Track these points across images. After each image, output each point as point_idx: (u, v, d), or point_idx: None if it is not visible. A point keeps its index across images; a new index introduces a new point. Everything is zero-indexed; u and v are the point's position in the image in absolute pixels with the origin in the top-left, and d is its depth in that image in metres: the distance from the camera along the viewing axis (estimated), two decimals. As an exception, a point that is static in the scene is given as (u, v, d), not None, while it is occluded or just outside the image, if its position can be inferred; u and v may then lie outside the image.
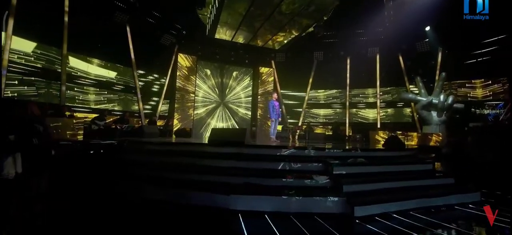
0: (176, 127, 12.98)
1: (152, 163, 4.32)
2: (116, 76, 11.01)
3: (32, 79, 8.37)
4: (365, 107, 14.79)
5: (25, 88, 8.21)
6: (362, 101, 14.90)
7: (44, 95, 8.69)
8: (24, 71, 8.15)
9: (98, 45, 10.08)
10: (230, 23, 10.18)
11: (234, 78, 15.53)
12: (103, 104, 10.64)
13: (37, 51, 8.52)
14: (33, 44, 8.39)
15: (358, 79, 14.76)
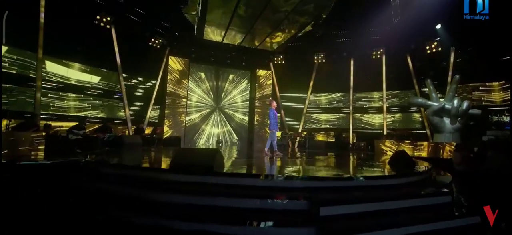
0: (166, 134, 12.23)
1: (90, 193, 3.51)
2: (100, 81, 10.31)
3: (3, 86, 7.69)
4: (370, 112, 13.75)
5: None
6: (367, 106, 13.86)
7: (17, 104, 8.02)
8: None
9: (78, 48, 9.38)
10: (219, 22, 9.35)
11: (230, 82, 14.71)
12: (86, 111, 9.95)
13: (9, 55, 7.86)
14: (4, 47, 7.73)
15: (363, 82, 13.74)
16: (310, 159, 7.27)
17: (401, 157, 5.52)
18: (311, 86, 14.54)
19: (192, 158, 3.93)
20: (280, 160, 6.53)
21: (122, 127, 10.93)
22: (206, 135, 14.04)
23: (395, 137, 11.57)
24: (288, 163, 6.02)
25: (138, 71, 11.59)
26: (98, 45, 10.02)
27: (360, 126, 13.77)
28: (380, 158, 8.66)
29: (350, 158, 8.24)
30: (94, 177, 4.01)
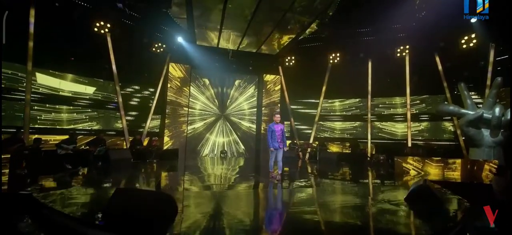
0: (167, 144, 11.63)
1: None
2: (95, 91, 9.92)
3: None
4: (391, 120, 12.13)
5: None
6: (388, 113, 12.26)
7: (5, 119, 7.76)
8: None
9: (71, 58, 9.03)
10: (210, 26, 8.50)
11: (236, 88, 13.84)
12: (82, 123, 9.60)
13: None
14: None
15: (383, 86, 12.17)
16: (318, 184, 6.14)
17: (423, 192, 4.22)
18: (324, 92, 13.21)
19: (138, 204, 3.05)
20: (276, 189, 5.50)
21: (119, 138, 10.47)
22: (211, 144, 13.29)
23: (421, 151, 9.97)
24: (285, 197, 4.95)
25: (137, 80, 11.10)
26: (93, 54, 9.62)
27: (379, 136, 12.21)
28: (401, 179, 7.27)
29: (366, 179, 6.94)
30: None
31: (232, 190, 5.31)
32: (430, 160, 8.14)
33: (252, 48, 11.50)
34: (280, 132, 6.04)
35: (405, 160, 8.38)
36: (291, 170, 8.96)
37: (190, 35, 9.79)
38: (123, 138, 10.53)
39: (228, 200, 4.50)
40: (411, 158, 8.31)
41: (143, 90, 11.34)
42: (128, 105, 10.80)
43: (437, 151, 10.28)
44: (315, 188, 5.72)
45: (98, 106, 9.96)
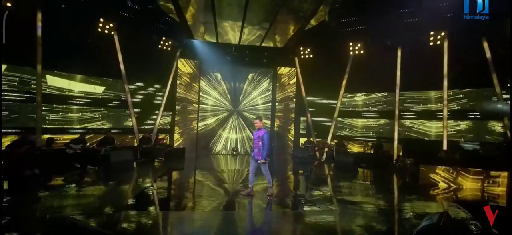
0: (177, 142, 11.54)
1: None
2: (104, 90, 10.07)
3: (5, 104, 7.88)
4: (424, 118, 10.47)
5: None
6: (419, 110, 10.59)
7: (19, 120, 8.18)
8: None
9: (79, 60, 9.16)
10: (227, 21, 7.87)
11: (249, 82, 13.18)
12: (94, 122, 9.86)
13: (8, 72, 7.99)
14: (3, 65, 7.86)
15: (415, 78, 10.49)
16: (318, 202, 5.31)
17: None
18: (345, 85, 11.89)
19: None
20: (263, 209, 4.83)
21: (127, 136, 10.61)
22: (223, 141, 12.95)
23: (458, 157, 8.39)
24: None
25: (146, 78, 11.05)
26: (101, 54, 9.68)
27: (408, 136, 10.65)
28: (424, 195, 6.07)
29: (381, 193, 5.89)
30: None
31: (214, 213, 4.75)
32: (465, 170, 6.70)
33: (256, 42, 10.66)
34: (257, 139, 5.22)
35: (432, 169, 7.03)
36: (294, 178, 8.16)
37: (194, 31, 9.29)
38: (133, 136, 10.64)
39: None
40: (441, 167, 6.93)
41: (153, 88, 11.29)
42: (138, 103, 10.83)
43: (480, 156, 8.57)
44: (308, 212, 4.90)
45: (107, 105, 10.11)
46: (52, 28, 8.45)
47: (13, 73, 8.08)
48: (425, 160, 8.60)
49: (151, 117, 11.22)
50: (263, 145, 5.08)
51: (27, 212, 4.30)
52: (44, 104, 8.64)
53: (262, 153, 5.10)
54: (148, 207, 4.78)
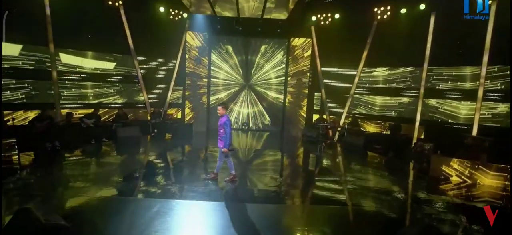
0: (188, 117, 11.77)
1: None
2: (115, 66, 10.36)
3: (24, 82, 8.54)
4: (454, 97, 9.14)
5: (16, 93, 8.48)
6: (449, 89, 9.22)
7: (39, 97, 8.87)
8: (15, 74, 8.32)
9: (88, 37, 9.41)
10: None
11: (262, 54, 12.55)
12: (108, 97, 10.36)
13: (25, 52, 8.51)
14: (19, 46, 8.36)
15: (448, 51, 9.03)
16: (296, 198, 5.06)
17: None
18: (365, 57, 10.72)
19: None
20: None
21: (141, 111, 11.03)
22: (235, 115, 12.90)
23: (487, 145, 7.29)
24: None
25: (155, 52, 11.07)
26: (109, 29, 9.81)
27: (433, 117, 9.49)
28: (432, 188, 5.45)
29: (374, 191, 5.43)
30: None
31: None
32: (486, 165, 5.82)
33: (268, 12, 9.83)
34: (219, 127, 5.10)
35: (446, 161, 6.23)
36: (281, 163, 7.84)
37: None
38: (146, 110, 11.05)
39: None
40: (456, 160, 6.10)
41: (162, 62, 11.33)
42: (149, 78, 11.03)
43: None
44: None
45: (120, 81, 10.46)
46: (60, 6, 8.62)
47: (30, 52, 8.58)
48: (448, 145, 7.76)
49: (163, 92, 11.42)
50: (225, 133, 4.91)
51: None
52: (60, 82, 9.18)
53: (224, 141, 4.95)
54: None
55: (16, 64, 8.42)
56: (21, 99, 8.59)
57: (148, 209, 3.99)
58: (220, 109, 5.20)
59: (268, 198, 4.89)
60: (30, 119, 8.37)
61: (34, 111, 8.71)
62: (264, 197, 4.93)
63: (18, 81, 8.52)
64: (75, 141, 8.44)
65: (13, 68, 8.29)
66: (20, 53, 8.41)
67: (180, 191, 4.89)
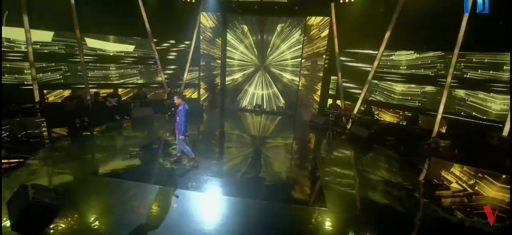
0: (203, 97, 12.27)
1: None
2: (134, 49, 11.10)
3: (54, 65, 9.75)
4: (487, 88, 7.85)
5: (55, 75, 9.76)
6: (483, 78, 7.90)
7: (70, 78, 10.09)
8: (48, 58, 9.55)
9: (109, 21, 10.15)
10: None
11: (278, 34, 12.13)
12: (129, 78, 11.29)
13: (56, 38, 9.61)
14: (51, 33, 9.46)
15: (485, 35, 7.63)
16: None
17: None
18: (387, 38, 9.65)
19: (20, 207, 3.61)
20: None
21: (161, 91, 11.81)
22: (249, 97, 13.01)
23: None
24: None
25: (171, 34, 11.49)
26: (128, 14, 10.43)
27: (459, 110, 8.35)
28: (426, 195, 5.10)
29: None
30: None
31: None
32: (493, 174, 5.12)
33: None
34: (176, 115, 5.46)
35: (446, 166, 5.62)
36: (264, 153, 7.76)
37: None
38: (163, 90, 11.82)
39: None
40: (460, 167, 5.45)
41: (174, 43, 11.76)
42: (166, 59, 11.61)
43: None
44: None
45: (139, 62, 11.23)
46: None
47: (60, 38, 9.66)
48: (470, 144, 6.94)
49: (174, 72, 12.00)
50: (180, 121, 5.27)
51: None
52: (87, 64, 10.24)
53: (180, 128, 5.30)
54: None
55: (53, 49, 9.60)
56: (59, 80, 9.87)
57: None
58: (176, 99, 5.53)
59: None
60: (64, 97, 9.68)
61: (67, 90, 10.00)
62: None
63: (57, 64, 9.77)
64: (101, 118, 9.59)
65: (51, 52, 9.50)
66: (52, 39, 9.53)
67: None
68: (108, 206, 4.26)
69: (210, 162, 6.16)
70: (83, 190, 4.72)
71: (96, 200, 4.42)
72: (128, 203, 4.35)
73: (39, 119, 7.52)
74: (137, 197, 4.52)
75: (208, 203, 4.52)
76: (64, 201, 4.26)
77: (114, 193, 4.64)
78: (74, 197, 4.47)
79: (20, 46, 8.85)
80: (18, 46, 8.84)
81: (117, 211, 4.13)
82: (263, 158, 6.94)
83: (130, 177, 5.15)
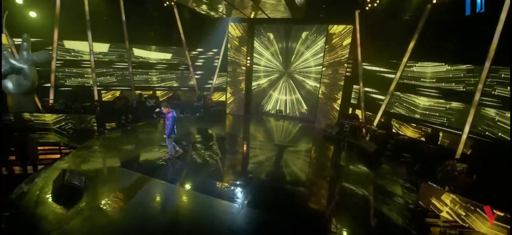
0: (229, 100, 13.30)
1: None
2: (172, 57, 12.72)
3: (111, 70, 11.94)
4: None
5: (110, 78, 11.98)
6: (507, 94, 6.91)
7: (122, 82, 12.21)
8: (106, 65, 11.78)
9: (151, 34, 11.93)
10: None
11: (302, 42, 12.36)
12: (165, 82, 13.02)
13: (112, 49, 11.77)
14: (106, 44, 11.64)
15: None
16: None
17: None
18: (411, 49, 9.08)
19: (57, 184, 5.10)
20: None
21: (190, 93, 13.29)
22: (274, 101, 13.55)
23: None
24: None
25: (201, 43, 12.83)
26: (166, 26, 12.08)
27: (487, 131, 7.45)
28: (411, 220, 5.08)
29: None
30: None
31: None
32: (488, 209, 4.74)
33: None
34: (166, 120, 6.72)
35: (438, 193, 5.34)
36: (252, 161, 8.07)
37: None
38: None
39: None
40: (454, 196, 5.14)
41: (207, 52, 13.04)
42: (195, 66, 13.02)
43: None
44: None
45: (174, 68, 12.85)
46: (131, 12, 11.28)
47: (114, 49, 11.79)
48: (493, 169, 6.35)
49: (201, 77, 13.34)
50: (167, 124, 6.52)
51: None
52: (133, 69, 12.24)
53: (167, 129, 6.54)
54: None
55: (111, 58, 11.80)
56: (115, 83, 12.08)
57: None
58: (164, 108, 6.72)
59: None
60: (114, 98, 11.81)
61: (117, 91, 12.15)
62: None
63: (114, 69, 11.99)
64: (142, 116, 11.42)
65: (109, 61, 11.73)
66: (108, 49, 11.71)
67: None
68: (127, 193, 5.45)
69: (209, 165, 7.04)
70: (108, 176, 6.10)
71: (115, 186, 5.68)
72: (152, 196, 5.46)
73: (95, 115, 9.49)
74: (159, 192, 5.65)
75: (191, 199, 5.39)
76: (90, 184, 5.63)
77: (135, 183, 5.84)
78: (99, 182, 5.83)
79: (82, 55, 11.17)
80: (81, 55, 11.17)
81: (139, 201, 5.22)
82: (259, 165, 7.48)
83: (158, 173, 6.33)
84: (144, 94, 12.27)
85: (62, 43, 10.87)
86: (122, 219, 4.61)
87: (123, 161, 6.89)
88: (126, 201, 5.13)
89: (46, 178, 5.80)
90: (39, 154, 7.32)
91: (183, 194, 5.65)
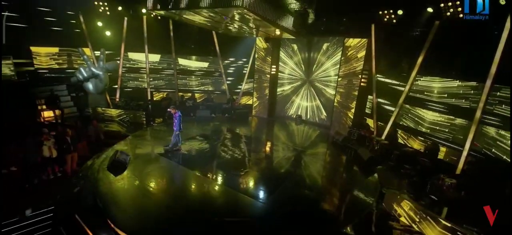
0: (255, 104, 14.93)
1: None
2: (208, 65, 14.99)
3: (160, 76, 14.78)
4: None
5: (160, 82, 14.85)
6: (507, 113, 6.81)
7: (169, 85, 14.98)
8: (156, 72, 14.66)
9: (192, 46, 14.37)
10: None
11: (323, 52, 13.25)
12: (201, 86, 15.37)
13: (162, 59, 14.60)
14: (158, 55, 14.49)
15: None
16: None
17: None
18: (419, 64, 9.29)
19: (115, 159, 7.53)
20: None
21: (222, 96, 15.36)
22: (296, 106, 14.68)
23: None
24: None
25: (232, 54, 14.80)
26: (205, 41, 14.38)
27: (486, 150, 7.42)
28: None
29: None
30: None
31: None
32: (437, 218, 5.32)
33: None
34: (173, 118, 8.53)
35: (398, 199, 6.00)
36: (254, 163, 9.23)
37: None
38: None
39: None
40: (416, 206, 5.75)
41: (237, 61, 14.94)
42: (227, 73, 15.05)
43: None
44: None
45: (210, 75, 15.10)
46: (177, 29, 13.88)
47: (164, 58, 14.59)
48: (486, 189, 6.67)
49: (231, 83, 15.28)
50: (175, 123, 8.27)
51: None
52: (178, 75, 14.87)
53: (175, 126, 8.25)
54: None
55: (161, 67, 14.68)
56: (163, 85, 14.94)
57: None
58: (170, 110, 8.58)
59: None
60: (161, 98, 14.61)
61: (165, 92, 14.94)
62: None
63: (164, 75, 14.87)
64: (182, 114, 13.82)
65: (161, 68, 14.62)
66: (159, 59, 14.57)
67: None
68: (157, 171, 7.56)
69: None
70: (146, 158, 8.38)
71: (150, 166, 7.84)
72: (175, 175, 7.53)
73: (145, 112, 12.22)
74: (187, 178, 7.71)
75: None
76: (133, 162, 7.93)
77: (166, 167, 7.96)
78: (139, 161, 8.10)
79: (140, 63, 14.16)
80: (139, 63, 14.17)
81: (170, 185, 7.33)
82: (258, 163, 8.88)
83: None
84: (185, 96, 14.80)
85: (126, 54, 14.05)
86: (149, 186, 6.65)
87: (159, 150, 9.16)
88: (155, 176, 7.21)
89: (107, 154, 8.32)
90: (106, 138, 10.12)
91: (203, 182, 7.35)
